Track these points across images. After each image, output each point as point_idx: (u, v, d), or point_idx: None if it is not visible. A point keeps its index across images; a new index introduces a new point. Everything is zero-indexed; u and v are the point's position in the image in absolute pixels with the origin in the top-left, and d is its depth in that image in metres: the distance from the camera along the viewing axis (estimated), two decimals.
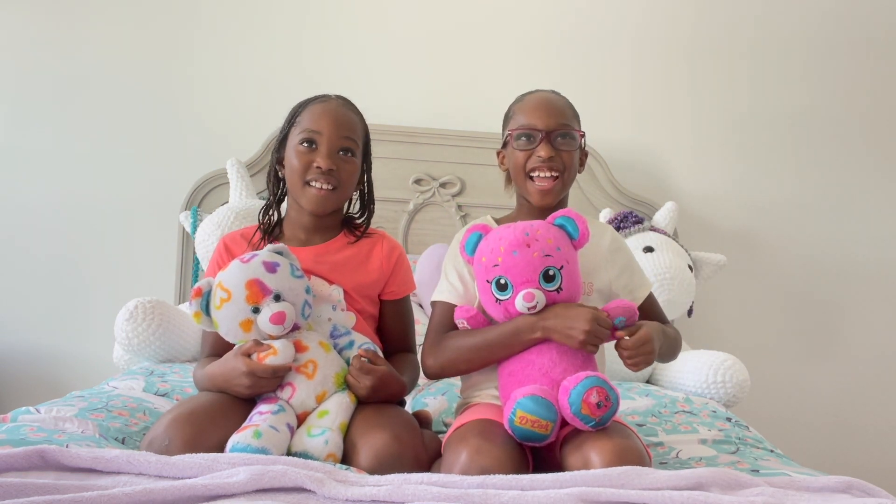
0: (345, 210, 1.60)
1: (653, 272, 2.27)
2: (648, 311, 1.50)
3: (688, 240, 2.72)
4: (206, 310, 1.36)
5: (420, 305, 2.28)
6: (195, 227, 2.44)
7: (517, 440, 1.25)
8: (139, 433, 1.43)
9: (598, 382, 1.22)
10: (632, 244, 2.36)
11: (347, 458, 1.29)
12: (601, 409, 1.21)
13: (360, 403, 1.38)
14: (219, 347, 1.43)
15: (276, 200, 1.59)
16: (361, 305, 1.53)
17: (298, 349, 1.36)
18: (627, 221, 2.48)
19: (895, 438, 2.91)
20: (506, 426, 1.25)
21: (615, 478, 1.07)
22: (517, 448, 1.25)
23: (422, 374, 1.48)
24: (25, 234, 2.70)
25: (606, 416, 1.22)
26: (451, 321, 1.42)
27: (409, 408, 1.75)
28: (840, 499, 1.12)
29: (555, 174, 1.45)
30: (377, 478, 1.09)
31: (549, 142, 1.44)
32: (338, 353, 1.41)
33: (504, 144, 1.53)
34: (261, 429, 1.23)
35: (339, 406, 1.34)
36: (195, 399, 1.36)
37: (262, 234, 1.54)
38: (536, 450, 1.30)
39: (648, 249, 2.37)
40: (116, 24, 2.72)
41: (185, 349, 2.06)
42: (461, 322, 1.39)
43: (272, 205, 1.58)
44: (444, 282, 1.48)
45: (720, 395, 2.02)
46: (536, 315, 1.31)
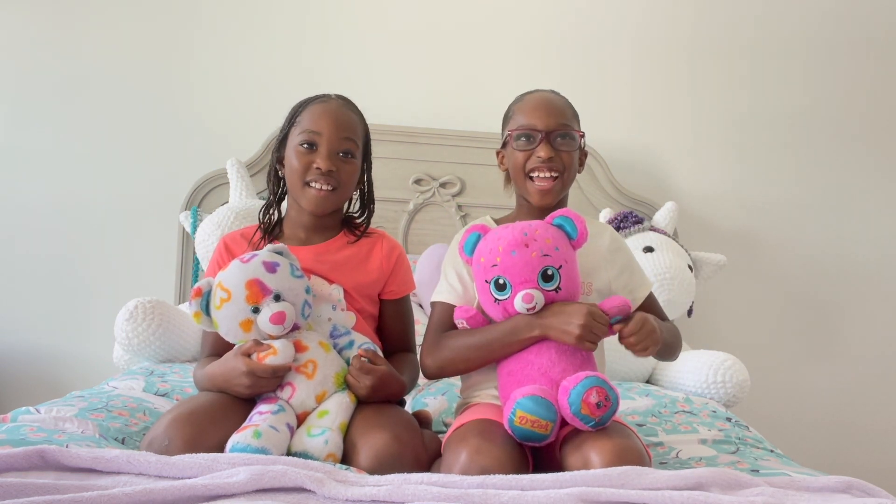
0: (345, 209, 1.60)
1: (653, 272, 2.27)
2: (649, 311, 1.48)
3: (688, 240, 2.72)
4: (206, 310, 1.36)
5: (420, 305, 2.28)
6: (195, 227, 2.44)
7: (517, 440, 1.25)
8: (139, 433, 1.43)
9: (598, 382, 1.22)
10: (632, 244, 2.36)
11: (347, 458, 1.29)
12: (601, 409, 1.21)
13: (360, 403, 1.38)
14: (219, 347, 1.43)
15: (277, 200, 1.59)
16: (361, 305, 1.53)
17: (298, 349, 1.36)
18: (627, 221, 2.48)
19: (895, 438, 2.91)
20: (505, 426, 1.25)
21: (615, 478, 1.07)
22: (517, 448, 1.25)
23: (422, 374, 1.48)
24: (26, 235, 2.70)
25: (606, 416, 1.22)
26: (451, 321, 1.42)
27: (409, 408, 1.75)
28: (840, 499, 1.12)
29: (554, 174, 1.45)
30: (377, 478, 1.09)
31: (549, 142, 1.44)
32: (338, 353, 1.41)
33: (504, 144, 1.53)
34: (261, 429, 1.23)
35: (339, 406, 1.34)
36: (195, 399, 1.36)
37: (263, 234, 1.54)
38: (536, 450, 1.30)
39: (648, 249, 2.37)
40: (116, 24, 2.72)
41: (185, 349, 2.06)
42: (461, 322, 1.39)
43: (272, 204, 1.58)
44: (444, 282, 1.48)
45: (720, 395, 2.02)
46: (534, 314, 1.31)
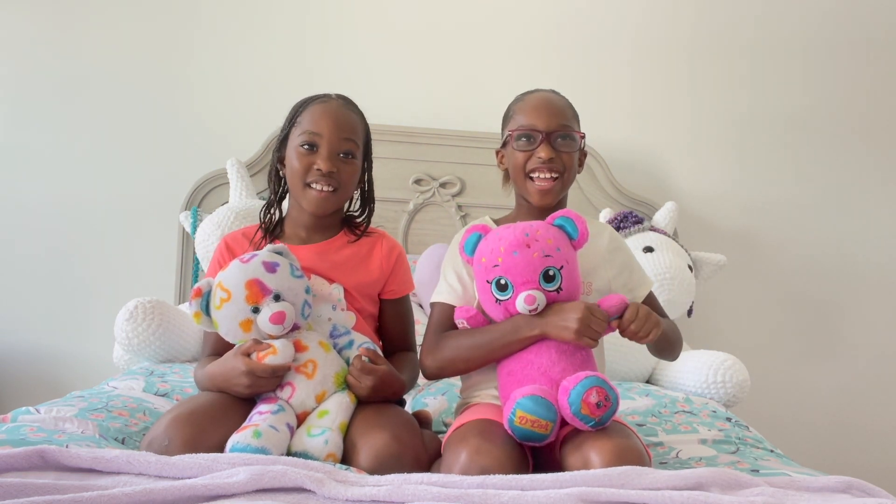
0: (345, 209, 1.60)
1: (653, 272, 2.27)
2: None
3: (688, 240, 2.72)
4: (207, 310, 1.36)
5: (420, 305, 2.28)
6: (195, 227, 2.43)
7: (517, 440, 1.25)
8: (139, 433, 1.43)
9: (598, 382, 1.22)
10: (632, 244, 2.36)
11: (347, 458, 1.29)
12: (601, 409, 1.21)
13: (360, 403, 1.38)
14: (220, 347, 1.43)
15: (278, 200, 1.59)
16: (361, 304, 1.53)
17: (298, 349, 1.36)
18: (627, 221, 2.48)
19: (895, 438, 2.91)
20: (505, 426, 1.25)
21: (615, 478, 1.07)
22: (517, 448, 1.25)
23: (422, 374, 1.48)
24: (25, 234, 2.70)
25: (606, 416, 1.22)
26: (450, 322, 1.42)
27: (409, 408, 1.75)
28: (840, 499, 1.12)
29: (554, 175, 1.45)
30: (377, 478, 1.09)
31: (550, 143, 1.44)
32: (337, 353, 1.41)
33: (504, 144, 1.53)
34: (260, 428, 1.23)
35: (339, 406, 1.34)
36: (195, 399, 1.36)
37: (264, 233, 1.54)
38: (536, 450, 1.30)
39: (648, 249, 2.37)
40: (116, 24, 2.72)
41: (185, 349, 2.06)
42: (461, 322, 1.39)
43: (273, 204, 1.58)
44: (443, 283, 1.48)
45: (720, 395, 2.02)
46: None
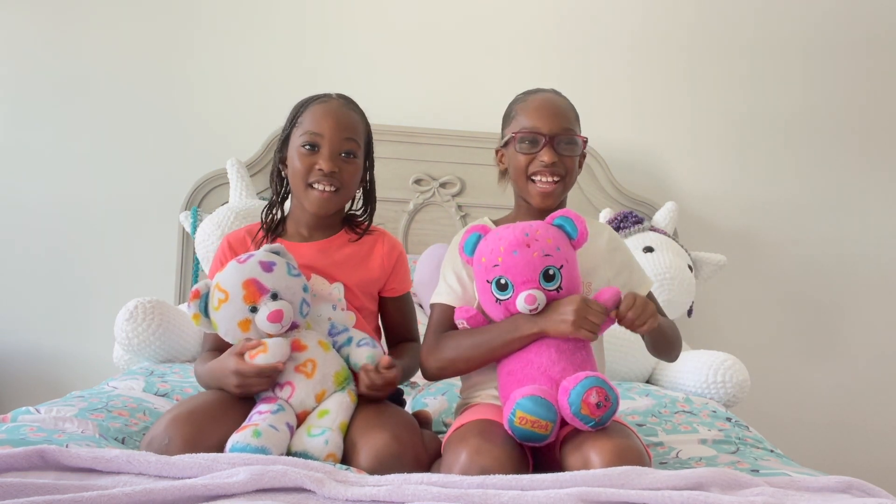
0: (346, 208, 1.61)
1: (653, 272, 2.27)
2: None
3: (688, 240, 2.72)
4: (205, 311, 1.36)
5: (420, 306, 2.28)
6: (195, 227, 2.43)
7: (517, 440, 1.25)
8: (139, 433, 1.43)
9: (598, 382, 1.22)
10: (632, 244, 2.36)
11: (347, 458, 1.29)
12: (601, 410, 1.21)
13: (360, 403, 1.38)
14: (220, 342, 1.43)
15: (280, 199, 1.59)
16: (362, 302, 1.54)
17: (297, 348, 1.36)
18: (627, 221, 2.48)
19: (895, 438, 2.91)
20: (505, 426, 1.25)
21: (615, 478, 1.07)
22: (517, 448, 1.25)
23: (422, 375, 1.48)
24: (26, 234, 2.70)
25: (606, 416, 1.22)
26: (450, 323, 1.42)
27: (409, 408, 1.75)
28: (840, 499, 1.12)
29: (556, 178, 1.45)
30: (377, 478, 1.09)
31: (552, 146, 1.44)
32: (336, 352, 1.42)
33: (505, 144, 1.52)
34: (260, 428, 1.24)
35: (340, 406, 1.34)
36: (195, 398, 1.36)
37: (266, 233, 1.55)
38: (536, 450, 1.30)
39: (648, 249, 2.37)
40: (116, 24, 2.72)
41: (185, 349, 2.06)
42: (461, 322, 1.39)
43: (275, 203, 1.58)
44: (443, 284, 1.48)
45: (720, 395, 2.02)
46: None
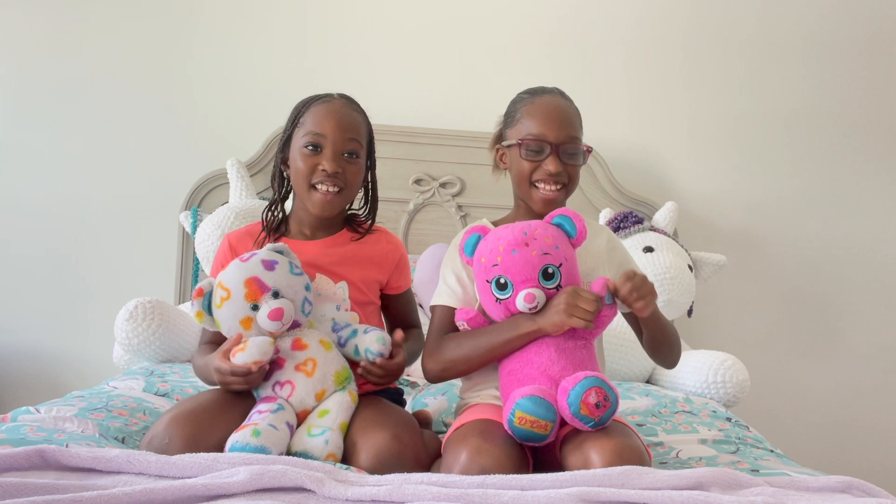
0: (348, 207, 1.61)
1: (653, 272, 2.27)
2: None
3: (688, 240, 2.72)
4: (209, 310, 1.37)
5: (420, 306, 2.28)
6: (195, 227, 2.43)
7: (517, 440, 1.25)
8: (139, 433, 1.43)
9: (597, 382, 1.22)
10: (632, 244, 2.36)
11: (347, 458, 1.29)
12: (600, 410, 1.21)
13: (361, 403, 1.39)
14: (217, 334, 1.43)
15: (281, 200, 1.59)
16: (368, 297, 1.54)
17: (298, 347, 1.36)
18: (627, 221, 2.48)
19: (895, 438, 2.91)
20: (505, 426, 1.25)
21: (615, 477, 1.07)
22: (517, 448, 1.25)
23: (423, 375, 1.48)
24: (25, 234, 2.70)
25: (605, 416, 1.22)
26: (451, 324, 1.42)
27: (409, 408, 1.75)
28: (840, 499, 1.12)
29: (560, 186, 1.46)
30: (377, 478, 1.09)
31: (558, 155, 1.44)
32: (340, 347, 1.42)
33: (508, 145, 1.52)
34: (260, 427, 1.24)
35: (340, 405, 1.34)
36: (195, 398, 1.37)
37: (267, 232, 1.55)
38: (536, 450, 1.30)
39: (648, 249, 2.37)
40: (116, 25, 2.72)
41: (185, 349, 2.06)
42: (462, 323, 1.39)
43: (277, 203, 1.58)
44: (443, 285, 1.48)
45: (720, 395, 2.02)
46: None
